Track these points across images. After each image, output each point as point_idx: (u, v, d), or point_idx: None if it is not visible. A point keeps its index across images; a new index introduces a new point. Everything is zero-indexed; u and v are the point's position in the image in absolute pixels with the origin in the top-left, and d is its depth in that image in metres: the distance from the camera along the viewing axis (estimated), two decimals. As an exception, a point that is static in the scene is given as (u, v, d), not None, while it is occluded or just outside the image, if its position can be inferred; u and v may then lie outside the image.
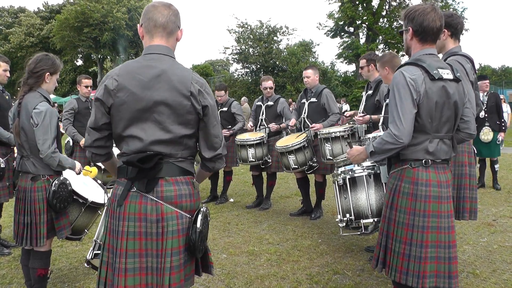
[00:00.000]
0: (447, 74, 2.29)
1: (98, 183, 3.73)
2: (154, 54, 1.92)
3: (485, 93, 7.24)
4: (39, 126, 2.87)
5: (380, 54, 4.49)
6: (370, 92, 4.57)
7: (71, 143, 5.70)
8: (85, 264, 2.78)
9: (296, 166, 5.23)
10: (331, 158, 4.63)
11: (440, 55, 3.12)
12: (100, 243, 2.75)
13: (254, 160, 5.76)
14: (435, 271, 2.30)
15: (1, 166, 4.01)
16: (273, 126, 5.86)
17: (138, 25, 2.04)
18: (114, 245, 1.88)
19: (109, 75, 1.91)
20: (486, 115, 7.14)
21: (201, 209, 1.95)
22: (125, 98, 1.85)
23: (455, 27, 3.12)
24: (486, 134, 7.11)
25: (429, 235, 2.28)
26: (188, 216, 1.92)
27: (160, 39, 1.94)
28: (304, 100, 5.59)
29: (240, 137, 5.89)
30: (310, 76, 5.50)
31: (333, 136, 4.67)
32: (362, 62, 4.66)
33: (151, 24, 1.93)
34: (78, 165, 3.24)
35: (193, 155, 2.01)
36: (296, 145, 5.16)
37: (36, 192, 2.97)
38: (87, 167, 3.45)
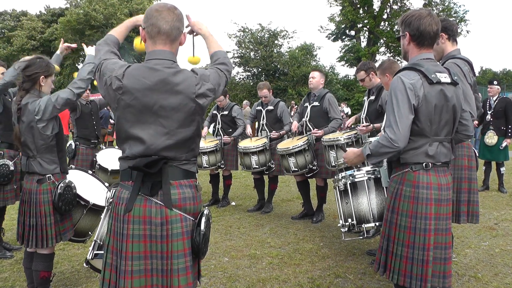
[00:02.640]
0: (444, 77, 2.32)
1: (105, 185, 3.75)
2: (157, 59, 1.92)
3: (495, 97, 7.22)
4: (48, 104, 2.91)
5: (378, 60, 4.53)
6: (372, 97, 4.58)
7: (73, 146, 5.71)
8: (84, 264, 2.79)
9: (296, 169, 5.24)
10: (336, 165, 4.64)
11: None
12: (100, 243, 2.77)
13: (258, 166, 5.78)
14: (433, 272, 2.33)
15: (10, 168, 4.04)
16: (273, 134, 5.88)
17: (140, 27, 2.02)
18: (119, 247, 1.89)
19: (110, 75, 1.89)
20: (491, 118, 7.13)
21: (204, 212, 1.97)
22: (130, 101, 1.86)
23: (451, 29, 3.16)
24: (490, 138, 7.10)
25: (431, 237, 2.30)
26: (192, 218, 1.94)
27: (163, 46, 1.94)
28: (307, 104, 5.60)
29: (243, 144, 5.90)
30: (316, 78, 5.52)
31: (337, 143, 4.66)
32: (361, 74, 4.64)
33: (155, 31, 1.91)
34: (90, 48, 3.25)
35: (195, 156, 2.03)
36: (297, 147, 5.17)
37: (42, 194, 2.99)
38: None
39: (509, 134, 7.06)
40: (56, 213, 3.03)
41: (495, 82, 7.41)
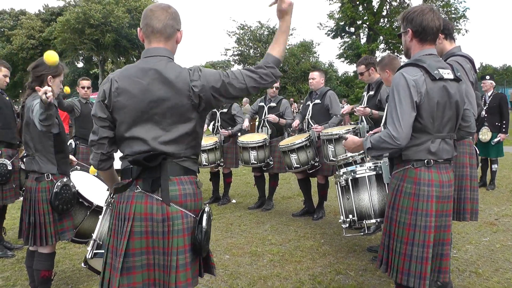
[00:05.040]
0: (447, 74, 2.30)
1: None
2: (152, 57, 1.94)
3: (489, 93, 7.16)
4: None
5: (378, 56, 4.52)
6: (371, 92, 4.57)
7: (73, 145, 5.70)
8: (82, 264, 2.79)
9: (298, 165, 5.24)
10: (334, 159, 4.63)
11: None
12: (100, 242, 2.77)
13: (256, 162, 5.77)
14: (434, 268, 2.34)
15: (8, 168, 4.04)
16: (271, 116, 5.81)
17: (138, 28, 2.06)
18: (115, 245, 1.91)
19: (109, 78, 1.94)
20: (486, 115, 7.09)
21: (205, 209, 1.97)
22: (126, 101, 1.88)
23: (446, 28, 3.15)
24: (484, 134, 7.07)
25: (431, 235, 2.29)
26: (193, 215, 1.94)
27: (157, 43, 1.97)
28: (309, 102, 5.62)
29: (243, 139, 5.90)
30: (316, 78, 5.54)
31: (336, 137, 4.66)
32: (361, 68, 4.64)
33: (149, 30, 1.95)
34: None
35: (196, 154, 2.03)
36: (298, 144, 5.18)
37: (40, 192, 2.99)
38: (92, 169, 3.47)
39: (503, 130, 7.02)
40: (54, 212, 3.02)
41: (487, 77, 7.32)
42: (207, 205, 2.08)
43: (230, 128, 6.30)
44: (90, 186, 3.52)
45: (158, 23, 1.93)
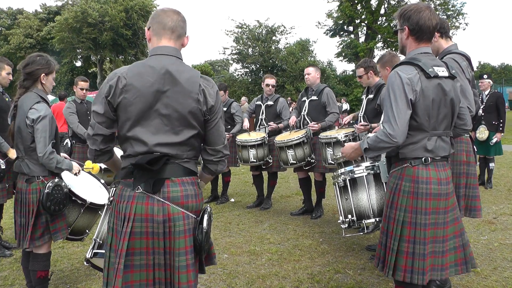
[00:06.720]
0: (442, 71, 2.31)
1: (101, 182, 3.73)
2: (162, 55, 1.93)
3: (486, 92, 7.18)
4: (38, 127, 2.84)
5: (376, 55, 4.52)
6: (370, 96, 4.57)
7: (69, 144, 5.71)
8: (85, 263, 2.78)
9: (295, 162, 5.24)
10: (332, 162, 4.62)
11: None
12: (100, 242, 2.75)
13: (255, 160, 5.76)
14: (431, 265, 2.34)
15: (1, 167, 4.02)
16: (271, 125, 5.86)
17: (145, 28, 2.06)
18: (117, 245, 1.90)
19: (117, 73, 1.90)
20: (483, 113, 7.11)
21: (206, 209, 1.97)
22: (133, 99, 1.85)
23: (442, 26, 3.15)
24: (481, 133, 7.07)
25: (429, 231, 2.31)
26: (194, 216, 1.94)
27: (168, 41, 1.96)
28: (305, 98, 5.61)
29: (241, 137, 5.90)
30: (311, 73, 5.53)
31: (335, 141, 4.66)
32: (360, 71, 4.64)
33: (160, 27, 1.96)
34: (76, 166, 3.17)
35: (197, 156, 2.03)
36: (296, 140, 5.17)
37: (31, 194, 2.95)
38: (88, 163, 3.41)
39: (500, 129, 7.02)
40: (44, 214, 2.96)
41: (485, 76, 7.31)
42: (208, 205, 2.08)
43: (229, 127, 6.31)
44: (83, 183, 3.49)
45: (170, 21, 1.96)
